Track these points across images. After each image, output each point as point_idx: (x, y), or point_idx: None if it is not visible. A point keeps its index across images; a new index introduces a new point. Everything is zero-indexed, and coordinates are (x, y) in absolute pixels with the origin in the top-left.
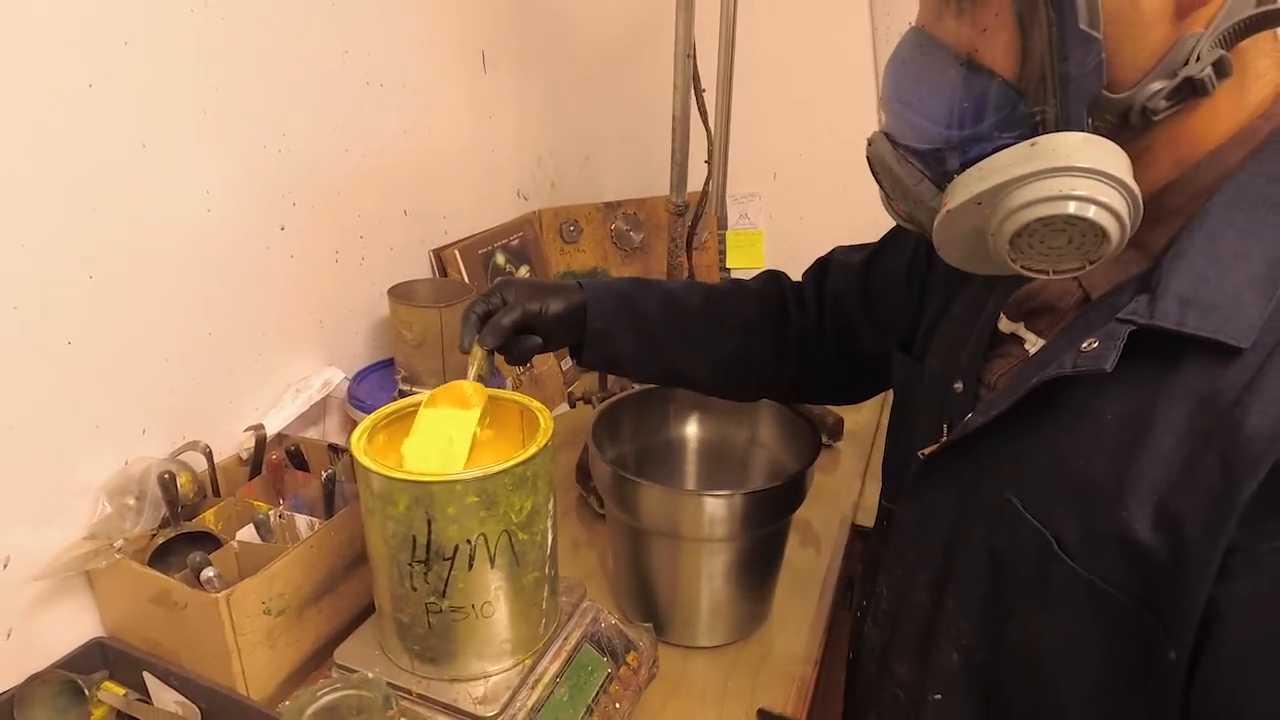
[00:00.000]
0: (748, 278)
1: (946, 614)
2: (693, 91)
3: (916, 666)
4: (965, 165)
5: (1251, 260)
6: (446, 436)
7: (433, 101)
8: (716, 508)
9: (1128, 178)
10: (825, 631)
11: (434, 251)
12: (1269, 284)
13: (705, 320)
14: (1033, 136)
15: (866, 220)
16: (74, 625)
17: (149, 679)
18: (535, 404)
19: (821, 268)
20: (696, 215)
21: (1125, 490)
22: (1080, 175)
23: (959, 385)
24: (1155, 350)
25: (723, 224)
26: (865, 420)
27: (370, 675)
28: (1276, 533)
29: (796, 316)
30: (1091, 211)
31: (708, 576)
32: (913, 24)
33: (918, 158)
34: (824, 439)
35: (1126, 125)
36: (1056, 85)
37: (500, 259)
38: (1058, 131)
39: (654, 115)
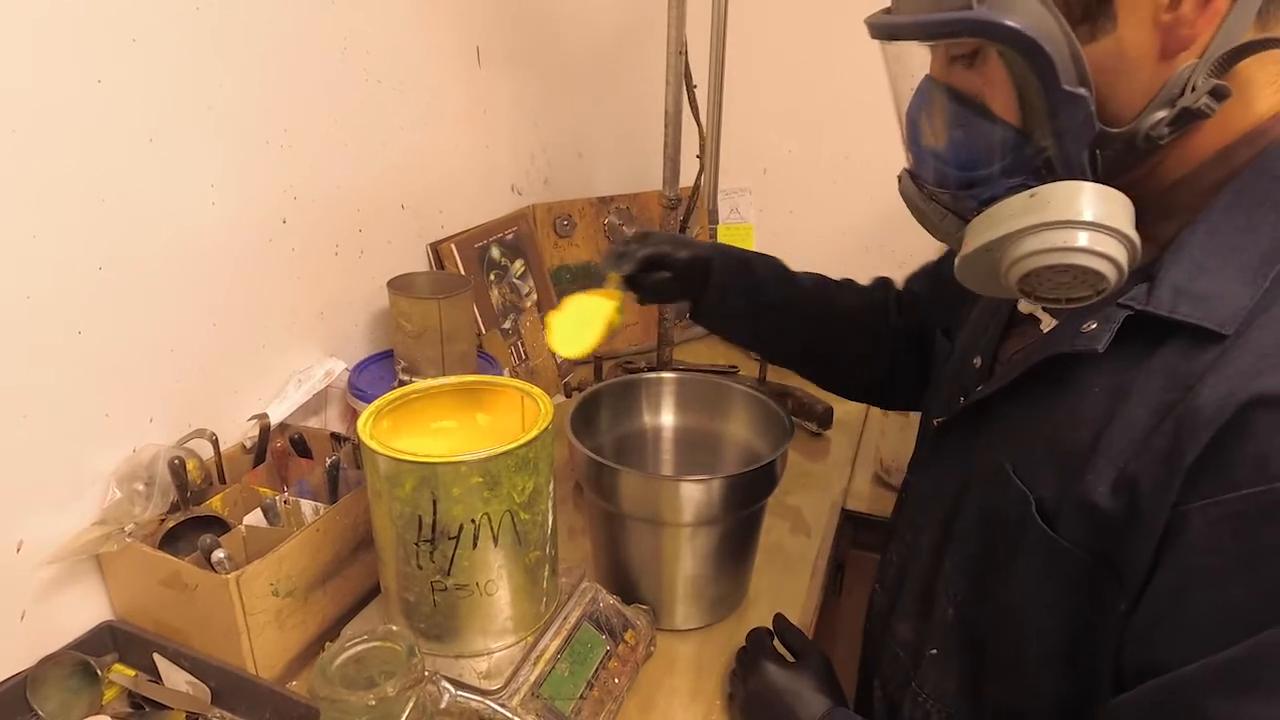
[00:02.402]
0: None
1: (945, 573)
2: (684, 88)
3: (917, 625)
4: (981, 204)
5: (1246, 254)
6: (588, 315)
7: (429, 98)
8: (692, 492)
9: (1120, 223)
10: (815, 611)
11: (431, 245)
12: (1259, 276)
13: (813, 298)
14: (1037, 179)
15: (853, 215)
16: (84, 608)
17: (159, 660)
18: (535, 390)
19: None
20: (688, 209)
21: (1096, 455)
22: (1071, 227)
23: (977, 360)
24: (1146, 332)
25: (714, 218)
26: (854, 409)
27: (395, 628)
28: (1205, 494)
29: (896, 317)
30: (1084, 259)
31: (685, 560)
32: (928, 73)
33: (939, 195)
34: (814, 427)
35: (1133, 150)
36: (1052, 137)
37: (495, 252)
38: (1059, 176)
39: (646, 111)
